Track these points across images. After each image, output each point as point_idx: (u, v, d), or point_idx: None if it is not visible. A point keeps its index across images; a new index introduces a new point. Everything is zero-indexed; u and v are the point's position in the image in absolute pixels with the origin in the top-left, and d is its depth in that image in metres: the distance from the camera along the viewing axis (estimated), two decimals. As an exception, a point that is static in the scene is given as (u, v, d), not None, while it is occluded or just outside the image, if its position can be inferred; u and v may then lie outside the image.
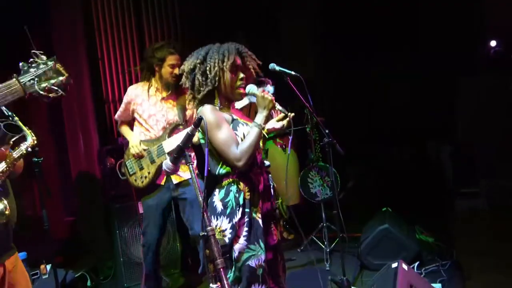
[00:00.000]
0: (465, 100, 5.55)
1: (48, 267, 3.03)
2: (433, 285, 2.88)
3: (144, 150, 2.95)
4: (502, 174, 4.88)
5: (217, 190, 1.88)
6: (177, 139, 2.86)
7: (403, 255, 3.25)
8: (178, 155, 1.45)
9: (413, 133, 5.99)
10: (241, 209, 1.81)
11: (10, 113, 1.66)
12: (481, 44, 5.59)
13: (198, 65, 1.84)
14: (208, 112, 1.78)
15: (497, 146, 5.12)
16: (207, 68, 1.82)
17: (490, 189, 4.82)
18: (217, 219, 1.82)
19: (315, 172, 3.76)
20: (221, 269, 1.21)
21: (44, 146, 4.15)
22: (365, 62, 5.99)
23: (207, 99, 1.89)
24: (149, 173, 2.94)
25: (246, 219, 1.81)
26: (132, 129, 3.11)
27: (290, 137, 1.98)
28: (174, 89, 3.01)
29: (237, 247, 1.79)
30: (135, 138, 2.97)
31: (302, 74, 2.80)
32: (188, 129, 1.46)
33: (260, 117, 1.85)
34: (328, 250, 3.67)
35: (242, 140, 1.84)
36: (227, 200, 1.83)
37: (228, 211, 1.81)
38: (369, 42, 5.81)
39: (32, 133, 1.77)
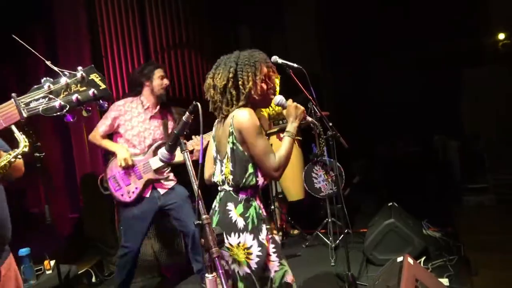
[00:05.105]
0: (472, 94, 5.48)
1: (52, 262, 3.03)
2: (440, 280, 2.83)
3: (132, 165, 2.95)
4: (511, 169, 4.81)
5: (231, 204, 1.76)
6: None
7: (409, 250, 3.21)
8: (174, 143, 1.43)
9: (420, 129, 5.93)
10: (265, 225, 1.76)
11: None
12: (488, 37, 5.51)
13: (231, 79, 1.75)
14: (248, 116, 1.71)
15: (505, 141, 5.05)
16: (240, 83, 1.74)
17: (498, 184, 4.75)
18: (238, 235, 1.71)
19: (319, 167, 3.72)
20: (216, 258, 1.19)
21: (49, 143, 4.19)
22: (371, 58, 5.93)
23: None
24: (136, 188, 2.95)
25: (270, 236, 1.77)
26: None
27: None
28: (161, 107, 3.07)
29: (271, 266, 1.74)
30: (124, 151, 2.93)
31: (306, 70, 2.77)
32: (184, 117, 1.44)
33: (292, 126, 1.84)
34: (333, 245, 3.63)
35: None
36: (247, 214, 1.74)
37: (250, 226, 1.72)
38: (375, 37, 5.75)
39: (25, 140, 1.65)
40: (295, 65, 2.77)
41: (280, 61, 2.74)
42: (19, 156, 1.67)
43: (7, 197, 1.83)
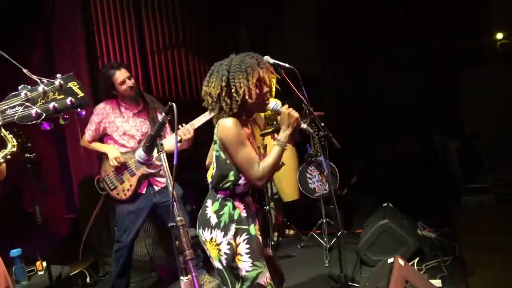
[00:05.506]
0: (472, 94, 5.45)
1: (45, 263, 3.03)
2: (433, 281, 2.81)
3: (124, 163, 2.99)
4: (511, 169, 4.78)
5: (209, 201, 1.87)
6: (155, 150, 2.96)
7: (403, 250, 3.20)
8: (150, 144, 1.42)
9: (420, 129, 5.90)
10: (234, 225, 1.80)
11: None
12: (488, 37, 5.47)
13: (224, 88, 1.76)
14: (231, 126, 1.74)
15: (505, 141, 5.02)
16: (233, 91, 1.75)
17: (498, 184, 4.72)
18: (211, 231, 1.80)
19: (313, 167, 3.70)
20: (190, 261, 1.18)
21: (44, 144, 4.19)
22: (371, 58, 5.91)
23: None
24: (131, 185, 2.99)
25: (246, 236, 1.80)
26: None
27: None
28: (143, 105, 3.09)
29: (242, 265, 1.77)
30: (114, 150, 2.98)
31: (305, 70, 2.76)
32: (160, 118, 1.43)
33: (283, 135, 1.83)
34: (328, 246, 3.61)
35: None
36: (221, 213, 1.81)
37: (221, 224, 1.80)
38: (375, 37, 5.73)
39: (13, 139, 1.65)
40: (286, 65, 2.75)
41: (271, 61, 2.72)
42: (8, 156, 1.67)
43: (4, 197, 1.85)
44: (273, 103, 1.91)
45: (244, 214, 1.84)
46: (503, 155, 4.97)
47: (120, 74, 2.94)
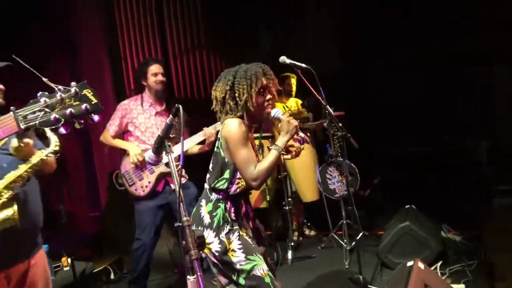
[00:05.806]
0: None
1: (70, 259, 3.13)
2: (456, 286, 2.73)
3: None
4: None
5: (204, 201, 1.96)
6: (175, 149, 2.98)
7: (426, 253, 3.12)
8: (159, 146, 1.45)
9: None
10: (227, 225, 1.89)
11: None
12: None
13: (228, 92, 1.88)
14: (236, 126, 1.83)
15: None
16: (236, 95, 1.87)
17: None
18: (203, 230, 1.90)
19: (333, 168, 3.66)
20: (195, 260, 1.20)
21: (69, 144, 4.33)
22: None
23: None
24: (149, 182, 3.04)
25: (237, 234, 1.88)
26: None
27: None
28: (167, 105, 3.16)
29: (236, 259, 1.85)
30: (135, 147, 3.03)
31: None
32: (168, 119, 1.46)
33: (282, 140, 1.90)
34: (348, 248, 3.56)
35: None
36: (214, 214, 1.90)
37: (214, 225, 1.89)
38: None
39: (57, 140, 1.75)
40: (303, 65, 2.73)
41: (288, 61, 2.72)
42: (50, 155, 1.76)
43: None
44: (275, 110, 1.97)
45: (233, 217, 1.92)
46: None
47: (156, 67, 3.08)
